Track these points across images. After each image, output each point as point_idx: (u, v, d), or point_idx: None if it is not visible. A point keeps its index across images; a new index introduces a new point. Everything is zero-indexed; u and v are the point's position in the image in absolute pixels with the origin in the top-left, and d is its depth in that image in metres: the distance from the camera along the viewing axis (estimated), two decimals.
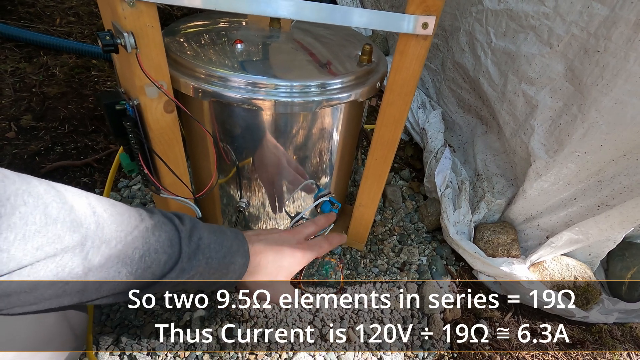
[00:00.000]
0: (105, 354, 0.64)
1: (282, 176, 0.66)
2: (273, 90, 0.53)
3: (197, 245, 0.39)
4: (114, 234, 0.32)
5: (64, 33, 1.42)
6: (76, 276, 0.30)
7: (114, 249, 0.32)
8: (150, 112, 0.51)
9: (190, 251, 0.38)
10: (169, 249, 0.36)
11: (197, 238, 0.39)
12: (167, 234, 0.37)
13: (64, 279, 0.29)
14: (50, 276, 0.28)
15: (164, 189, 0.59)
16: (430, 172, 0.97)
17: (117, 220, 0.33)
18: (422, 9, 0.47)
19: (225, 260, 0.41)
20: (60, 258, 0.28)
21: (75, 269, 0.29)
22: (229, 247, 0.42)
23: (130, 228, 0.33)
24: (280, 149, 0.61)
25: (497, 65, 0.85)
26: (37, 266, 0.27)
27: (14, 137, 1.00)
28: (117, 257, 0.32)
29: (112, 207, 0.33)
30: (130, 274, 0.33)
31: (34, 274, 0.27)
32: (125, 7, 0.41)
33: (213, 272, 0.41)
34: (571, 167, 0.70)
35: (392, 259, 0.85)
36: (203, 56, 0.55)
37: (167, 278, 0.36)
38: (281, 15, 0.46)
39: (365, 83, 0.59)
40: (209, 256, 0.40)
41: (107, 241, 0.31)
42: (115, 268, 0.32)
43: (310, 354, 0.68)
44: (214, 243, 0.41)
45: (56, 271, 0.28)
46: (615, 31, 0.58)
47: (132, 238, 0.33)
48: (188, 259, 0.38)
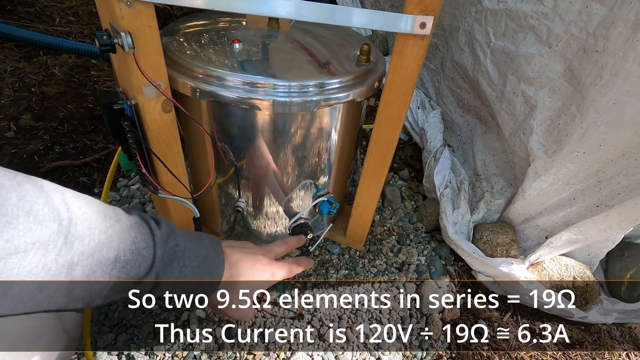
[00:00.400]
0: (103, 353, 0.64)
1: (280, 176, 0.66)
2: (271, 90, 0.53)
3: (174, 251, 0.39)
4: (87, 231, 0.31)
5: (64, 33, 1.42)
6: (50, 273, 0.29)
7: (87, 247, 0.31)
8: (148, 112, 0.51)
9: (165, 256, 0.37)
10: (144, 251, 0.36)
11: (173, 244, 0.39)
12: (143, 235, 0.36)
13: (38, 275, 0.28)
14: (24, 272, 0.27)
15: (162, 188, 0.59)
16: (429, 172, 0.97)
17: (91, 218, 0.32)
18: (420, 8, 0.47)
19: (200, 269, 0.41)
20: (34, 254, 0.28)
21: (48, 264, 0.29)
22: (204, 256, 0.42)
23: (104, 226, 0.33)
24: (278, 148, 0.61)
25: (496, 65, 0.85)
26: (9, 262, 0.26)
27: (13, 137, 1.00)
28: (91, 255, 0.31)
29: (88, 205, 0.33)
30: (106, 273, 0.33)
31: (7, 270, 0.27)
32: (123, 7, 0.41)
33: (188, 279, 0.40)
34: (570, 167, 0.70)
35: (391, 259, 0.85)
36: (201, 56, 0.55)
37: (144, 280, 0.36)
38: (280, 15, 0.46)
39: (363, 83, 0.59)
40: (183, 264, 0.39)
41: (80, 238, 0.31)
42: (90, 266, 0.31)
43: (309, 354, 0.68)
44: (190, 251, 0.40)
45: (30, 267, 0.28)
46: (614, 31, 0.58)
47: (106, 237, 0.33)
48: (162, 264, 0.37)
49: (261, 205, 0.71)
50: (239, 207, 0.69)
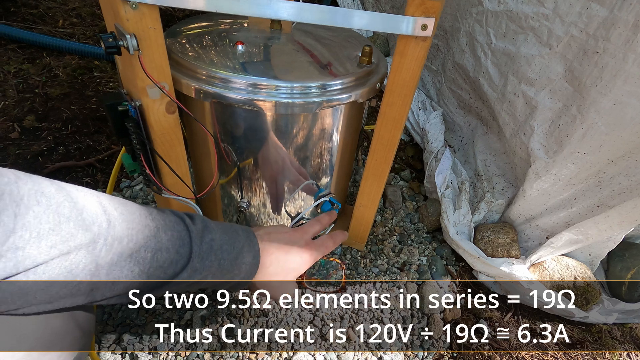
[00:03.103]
0: (107, 352, 0.64)
1: (282, 176, 0.66)
2: (274, 91, 0.54)
3: (210, 246, 0.39)
4: (125, 232, 0.32)
5: (67, 34, 1.43)
6: (89, 273, 0.30)
7: (125, 247, 0.32)
8: (152, 113, 0.51)
9: (202, 251, 0.38)
10: (181, 248, 0.36)
11: (209, 238, 0.39)
12: (179, 233, 0.37)
13: (77, 276, 0.29)
14: (64, 273, 0.29)
15: (165, 189, 0.60)
16: (430, 173, 0.97)
17: (128, 219, 0.33)
18: (422, 10, 0.47)
19: (237, 261, 0.42)
20: (74, 256, 0.29)
21: (88, 266, 0.30)
22: (240, 248, 0.42)
23: (141, 226, 0.34)
24: (280, 149, 0.62)
25: (497, 66, 0.86)
26: (51, 264, 0.28)
27: (17, 138, 1.00)
28: (129, 256, 0.32)
29: (123, 206, 0.34)
30: (143, 272, 0.34)
31: (49, 271, 0.28)
32: (128, 10, 0.42)
33: (225, 273, 0.41)
34: (571, 167, 0.70)
35: (392, 259, 0.85)
36: (204, 57, 0.55)
37: (179, 278, 0.36)
38: (282, 17, 0.47)
39: (365, 84, 0.60)
40: (221, 257, 0.40)
41: (119, 239, 0.32)
42: (128, 266, 0.32)
43: (311, 353, 0.68)
44: (226, 244, 0.41)
45: (70, 268, 0.29)
46: (614, 32, 0.58)
47: (143, 236, 0.33)
48: (200, 259, 0.38)
49: (263, 206, 0.71)
50: (241, 207, 0.70)
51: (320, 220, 0.56)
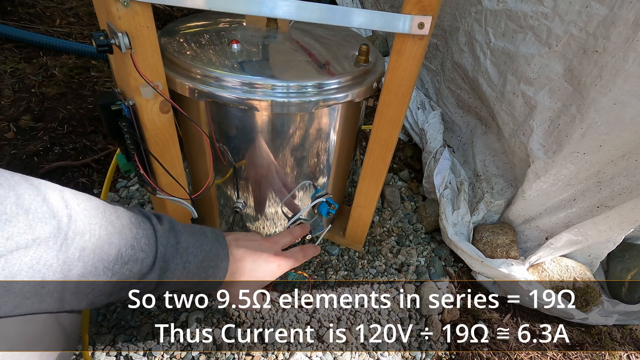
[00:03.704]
0: (101, 354, 0.64)
1: (279, 177, 0.66)
2: (270, 90, 0.53)
3: (175, 248, 0.38)
4: (87, 227, 0.31)
5: (64, 34, 1.42)
6: (51, 269, 0.29)
7: (88, 242, 0.31)
8: (145, 113, 0.51)
9: (166, 252, 0.37)
10: (147, 247, 0.36)
11: (174, 240, 0.39)
12: (145, 232, 0.36)
13: (39, 271, 0.29)
14: (25, 269, 0.28)
15: (160, 189, 0.59)
16: (429, 173, 0.97)
17: (91, 214, 0.32)
18: (418, 9, 0.47)
19: (204, 264, 0.41)
20: (35, 250, 0.28)
21: (50, 260, 0.29)
22: (208, 251, 0.42)
23: (105, 222, 0.33)
24: (277, 149, 0.61)
25: (496, 66, 0.85)
26: (10, 258, 0.27)
27: (12, 138, 1.00)
28: (92, 251, 0.31)
29: (87, 202, 0.33)
30: (108, 269, 0.33)
31: (8, 267, 0.27)
32: (120, 8, 0.41)
33: (192, 276, 0.40)
34: (570, 167, 0.70)
35: (390, 260, 0.84)
36: (199, 56, 0.55)
37: (148, 278, 0.36)
38: (278, 16, 0.46)
39: (362, 83, 0.59)
40: (187, 259, 0.39)
41: (81, 234, 0.31)
42: (92, 262, 0.32)
43: (307, 354, 0.68)
44: (193, 246, 0.40)
45: (31, 263, 0.28)
46: (614, 31, 0.58)
47: (106, 232, 0.33)
48: (165, 261, 0.37)
49: (260, 206, 0.71)
50: (237, 208, 0.69)
51: (291, 232, 0.57)
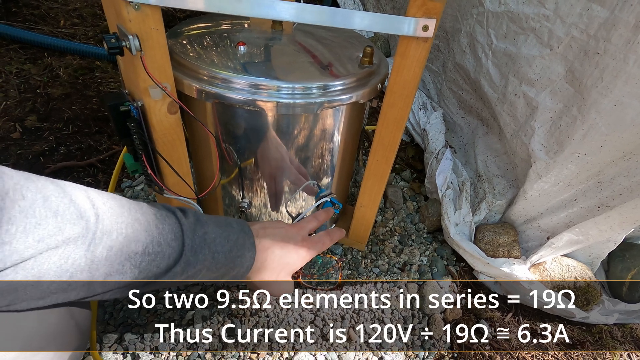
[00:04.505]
0: (108, 352, 0.64)
1: (283, 177, 0.67)
2: (275, 91, 0.54)
3: (203, 239, 0.39)
4: (114, 225, 0.32)
5: (68, 35, 1.43)
6: (79, 268, 0.30)
7: (115, 241, 0.32)
8: (154, 113, 0.51)
9: (194, 244, 0.38)
10: (173, 242, 0.36)
11: (201, 232, 0.39)
12: (171, 226, 0.37)
13: (67, 270, 0.29)
14: (53, 268, 0.28)
15: (167, 189, 0.60)
16: (431, 173, 0.98)
17: (116, 213, 0.33)
18: (423, 11, 0.47)
19: (231, 254, 0.41)
20: (63, 250, 0.29)
21: (77, 260, 0.30)
22: (235, 241, 0.42)
23: (131, 220, 0.33)
24: (282, 149, 0.62)
25: (498, 67, 0.86)
26: (40, 258, 0.28)
27: (18, 138, 1.01)
28: (120, 249, 0.32)
29: (112, 200, 0.34)
30: (134, 266, 0.33)
31: (37, 266, 0.28)
32: (131, 11, 0.42)
33: (220, 266, 0.41)
34: (571, 168, 0.71)
35: (393, 260, 0.85)
36: (206, 58, 0.56)
37: (173, 271, 0.36)
38: (283, 18, 0.47)
39: (366, 85, 0.60)
40: (215, 250, 0.39)
41: (108, 232, 0.31)
42: (119, 260, 0.32)
43: (312, 353, 0.68)
44: (220, 237, 0.40)
45: (59, 263, 0.29)
46: (614, 33, 0.58)
47: (133, 230, 0.33)
48: (193, 253, 0.37)
49: (264, 206, 0.72)
50: (242, 207, 0.70)
51: (317, 216, 0.56)
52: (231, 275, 0.43)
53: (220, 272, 0.41)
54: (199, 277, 0.40)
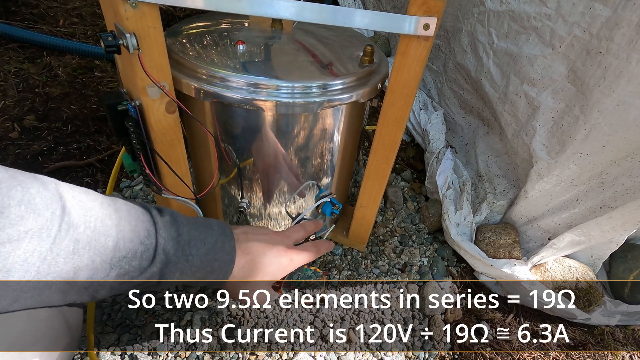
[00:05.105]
0: (106, 353, 0.64)
1: (283, 177, 0.66)
2: (274, 91, 0.53)
3: (177, 241, 0.37)
4: (81, 219, 0.31)
5: (67, 34, 1.42)
6: (46, 262, 0.29)
7: (82, 234, 0.30)
8: (152, 113, 0.51)
9: (167, 245, 0.36)
10: (146, 239, 0.35)
11: (175, 233, 0.37)
12: (144, 224, 0.35)
13: (34, 264, 0.28)
14: (19, 262, 0.27)
15: (165, 189, 0.59)
16: (431, 173, 0.97)
17: (86, 207, 0.32)
18: (424, 10, 0.47)
19: (207, 257, 0.40)
20: (27, 242, 0.28)
21: (43, 253, 0.28)
22: (212, 244, 0.40)
23: (101, 215, 0.32)
24: (281, 149, 0.61)
25: (499, 67, 0.85)
26: (3, 252, 0.27)
27: (17, 137, 1.00)
28: (88, 243, 0.31)
29: (83, 194, 0.32)
30: (105, 262, 0.32)
31: (2, 260, 0.27)
32: (128, 9, 0.41)
33: (196, 270, 0.39)
34: (573, 168, 0.70)
35: (393, 260, 0.85)
36: (205, 57, 0.55)
37: (148, 272, 0.35)
38: (283, 17, 0.47)
39: (366, 84, 0.59)
40: (189, 252, 0.38)
41: (75, 226, 0.30)
42: (87, 255, 0.31)
43: (311, 354, 0.68)
44: (195, 239, 0.39)
45: (25, 256, 0.27)
46: (617, 32, 0.58)
47: (102, 225, 0.32)
48: (166, 254, 0.36)
49: (264, 206, 0.71)
50: (241, 208, 0.69)
51: (304, 226, 0.55)
52: (210, 279, 0.41)
53: (196, 275, 0.40)
54: (174, 280, 0.38)
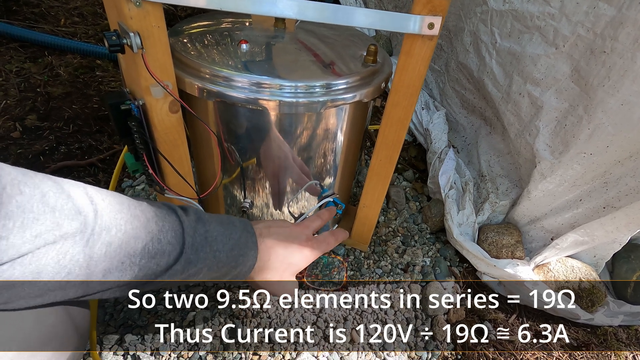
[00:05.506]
0: (109, 353, 0.64)
1: (286, 177, 0.66)
2: (278, 90, 0.53)
3: (204, 237, 0.38)
4: (113, 221, 0.32)
5: (69, 33, 1.42)
6: (77, 264, 0.29)
7: (114, 237, 0.31)
8: (155, 112, 0.51)
9: (195, 242, 0.37)
10: (173, 239, 0.36)
11: (203, 230, 0.38)
12: (171, 224, 0.36)
13: (65, 266, 0.29)
14: (51, 264, 0.28)
15: (168, 189, 0.59)
16: (434, 173, 0.97)
17: (115, 209, 0.32)
18: (428, 9, 0.47)
19: (233, 253, 0.41)
20: (61, 245, 0.28)
21: (76, 256, 0.29)
22: (237, 239, 0.41)
23: (130, 217, 0.33)
24: (284, 149, 0.61)
25: (502, 66, 0.85)
26: (37, 254, 0.27)
27: (18, 137, 1.00)
28: (119, 246, 0.32)
29: (111, 197, 0.33)
30: (134, 264, 0.33)
31: (35, 262, 0.27)
32: (132, 8, 0.41)
33: (222, 265, 0.40)
34: (576, 168, 0.70)
35: (396, 260, 0.85)
36: (208, 56, 0.55)
37: (173, 270, 0.36)
38: (285, 16, 0.46)
39: (370, 84, 0.59)
40: (216, 249, 0.39)
41: (107, 229, 0.31)
42: (118, 257, 0.32)
43: (314, 354, 0.68)
44: (221, 235, 0.40)
45: (57, 258, 0.28)
46: (622, 32, 0.57)
47: (132, 227, 0.33)
48: (194, 251, 0.37)
49: (266, 206, 0.71)
50: (244, 208, 0.69)
51: (320, 215, 0.56)
52: (233, 274, 0.42)
53: (222, 271, 0.41)
54: (200, 276, 0.39)
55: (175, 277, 0.36)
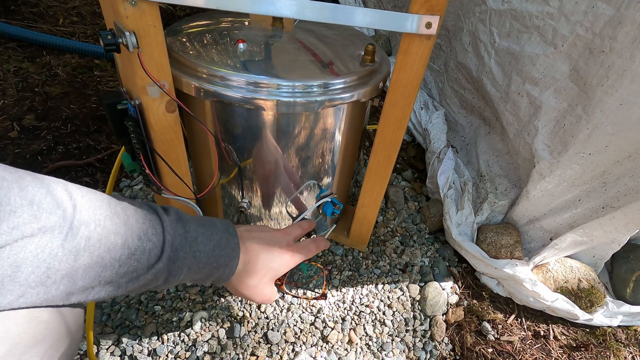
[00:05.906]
0: (106, 354, 0.64)
1: (284, 177, 0.66)
2: (275, 90, 0.53)
3: (184, 237, 0.38)
4: (92, 217, 0.31)
5: (67, 33, 1.42)
6: (57, 258, 0.29)
7: (93, 232, 0.31)
8: (152, 112, 0.50)
9: (174, 241, 0.37)
10: (154, 237, 0.36)
11: (182, 230, 0.39)
12: (151, 222, 0.36)
13: (44, 260, 0.29)
14: (30, 257, 0.28)
15: (165, 189, 0.59)
16: (432, 173, 0.97)
17: (95, 205, 0.32)
18: (426, 8, 0.46)
19: (214, 254, 0.41)
20: (39, 239, 0.28)
21: (55, 250, 0.29)
22: (218, 240, 0.41)
23: (110, 213, 0.33)
24: (282, 149, 0.61)
25: (501, 66, 0.85)
26: (15, 247, 0.27)
27: (16, 137, 1.00)
28: (98, 240, 0.31)
29: (91, 194, 0.33)
30: (115, 260, 0.33)
31: (13, 255, 0.27)
32: (127, 7, 0.41)
33: (203, 266, 0.40)
34: (575, 168, 0.70)
35: (394, 260, 0.84)
36: (205, 56, 0.55)
37: (155, 269, 0.36)
38: (283, 15, 0.46)
39: (368, 83, 0.59)
40: (197, 249, 0.39)
41: (86, 223, 0.31)
42: (97, 252, 0.31)
43: (312, 355, 0.67)
44: (202, 235, 0.40)
45: (36, 252, 0.28)
46: (620, 31, 0.57)
47: (112, 222, 0.33)
48: (174, 250, 0.37)
49: (264, 206, 0.71)
50: (242, 208, 0.69)
51: (301, 225, 0.57)
52: (217, 275, 0.42)
53: (203, 272, 0.41)
54: (181, 277, 0.39)
55: (159, 276, 0.36)
